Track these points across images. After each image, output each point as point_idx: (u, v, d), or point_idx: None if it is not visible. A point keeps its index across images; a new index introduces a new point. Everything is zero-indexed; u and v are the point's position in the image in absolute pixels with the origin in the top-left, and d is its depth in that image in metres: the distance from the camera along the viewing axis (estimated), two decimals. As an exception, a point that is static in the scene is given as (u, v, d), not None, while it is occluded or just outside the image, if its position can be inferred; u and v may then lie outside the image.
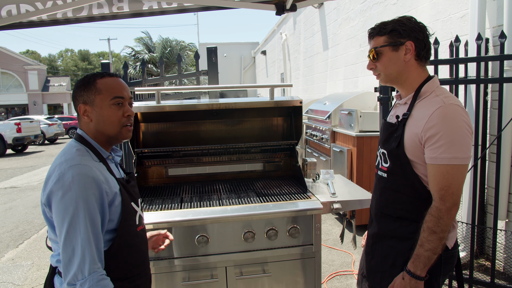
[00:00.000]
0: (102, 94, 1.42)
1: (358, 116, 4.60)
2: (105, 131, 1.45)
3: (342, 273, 3.71)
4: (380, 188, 1.69)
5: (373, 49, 1.58)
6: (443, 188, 1.42)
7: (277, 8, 2.06)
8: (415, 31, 1.51)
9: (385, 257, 1.63)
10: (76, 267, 1.26)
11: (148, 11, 2.04)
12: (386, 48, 1.55)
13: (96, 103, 1.42)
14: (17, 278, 4.05)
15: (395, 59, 1.54)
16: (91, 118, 1.44)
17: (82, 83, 1.45)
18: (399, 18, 1.55)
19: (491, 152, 3.47)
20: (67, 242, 1.27)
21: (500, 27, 3.39)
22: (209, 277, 2.26)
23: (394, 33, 1.53)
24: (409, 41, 1.51)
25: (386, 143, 1.63)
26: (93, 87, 1.43)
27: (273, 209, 2.23)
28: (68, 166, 1.32)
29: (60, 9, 1.88)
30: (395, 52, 1.54)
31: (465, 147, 1.41)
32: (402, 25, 1.52)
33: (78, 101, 1.44)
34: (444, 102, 1.45)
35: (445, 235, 1.43)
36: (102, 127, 1.44)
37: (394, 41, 1.53)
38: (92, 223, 1.30)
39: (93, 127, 1.45)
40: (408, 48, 1.52)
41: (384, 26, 1.56)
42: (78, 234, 1.27)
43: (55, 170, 1.34)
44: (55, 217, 1.30)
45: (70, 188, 1.28)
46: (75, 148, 1.40)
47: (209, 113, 2.87)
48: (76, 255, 1.26)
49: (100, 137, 1.47)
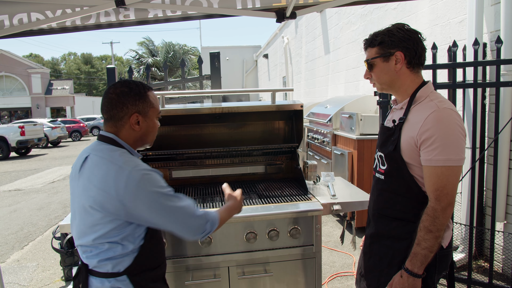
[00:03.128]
0: (154, 107, 1.54)
1: (358, 119, 4.65)
2: (147, 141, 1.59)
3: (343, 274, 3.75)
4: (377, 189, 1.75)
5: (366, 61, 1.67)
6: (438, 189, 1.48)
7: (277, 15, 2.13)
8: (404, 40, 1.57)
9: (382, 256, 1.68)
10: (196, 224, 1.50)
11: (153, 19, 2.12)
12: (378, 59, 1.63)
13: (148, 115, 1.53)
14: (22, 279, 4.12)
15: (387, 69, 1.62)
16: (141, 127, 1.52)
17: (136, 93, 1.50)
18: (390, 28, 1.62)
19: (489, 155, 3.52)
20: (173, 216, 1.45)
21: (497, 32, 3.45)
22: (212, 276, 2.31)
23: (383, 44, 1.60)
24: (398, 51, 1.58)
25: (383, 147, 1.69)
26: (147, 99, 1.52)
27: (274, 210, 2.29)
28: (128, 171, 1.39)
29: (69, 17, 1.96)
30: (386, 62, 1.61)
31: (458, 149, 1.47)
32: (391, 35, 1.59)
33: (130, 110, 1.48)
34: (438, 106, 1.51)
35: (441, 234, 1.49)
36: (147, 136, 1.57)
37: (384, 52, 1.60)
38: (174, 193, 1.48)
39: (138, 136, 1.54)
40: (398, 58, 1.59)
41: (375, 37, 1.64)
42: (179, 205, 1.46)
43: (117, 177, 1.38)
44: (149, 211, 1.41)
45: (149, 183, 1.40)
46: (122, 152, 1.47)
47: (212, 117, 2.93)
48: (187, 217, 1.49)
49: (137, 143, 1.56)
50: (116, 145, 1.49)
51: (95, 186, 1.40)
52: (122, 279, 1.46)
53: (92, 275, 1.48)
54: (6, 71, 36.61)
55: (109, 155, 1.44)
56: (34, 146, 17.06)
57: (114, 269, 1.45)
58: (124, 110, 1.48)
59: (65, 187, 9.06)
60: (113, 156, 1.43)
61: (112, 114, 1.49)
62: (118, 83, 1.52)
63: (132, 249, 1.46)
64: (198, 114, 2.80)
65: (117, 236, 1.43)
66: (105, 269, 1.46)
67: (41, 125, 17.97)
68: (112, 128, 1.51)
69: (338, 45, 8.06)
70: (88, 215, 1.42)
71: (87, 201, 1.41)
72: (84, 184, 1.44)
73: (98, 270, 1.47)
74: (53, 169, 12.13)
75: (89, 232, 1.44)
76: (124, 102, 1.48)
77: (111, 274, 1.46)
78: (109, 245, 1.43)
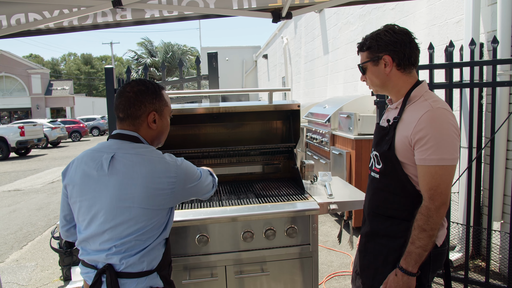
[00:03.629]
0: (168, 106, 1.59)
1: (356, 119, 4.67)
2: (161, 139, 1.63)
3: (341, 273, 3.77)
4: (372, 188, 1.76)
5: (358, 65, 1.71)
6: (432, 188, 1.49)
7: (273, 16, 2.15)
8: (390, 44, 1.59)
9: (377, 254, 1.69)
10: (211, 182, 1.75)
11: (150, 19, 2.13)
12: (368, 63, 1.67)
13: (164, 113, 1.57)
14: (21, 279, 4.13)
15: (377, 72, 1.66)
16: (157, 125, 1.55)
17: (152, 91, 1.52)
18: (378, 31, 1.64)
19: (485, 154, 3.53)
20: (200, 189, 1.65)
21: (494, 32, 3.47)
22: (209, 275, 2.32)
23: (371, 49, 1.64)
24: (386, 55, 1.60)
25: (378, 146, 1.70)
26: (162, 98, 1.55)
27: (271, 209, 2.30)
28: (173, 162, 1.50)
29: (66, 18, 1.98)
30: (376, 66, 1.65)
31: (452, 149, 1.48)
32: (378, 39, 1.61)
33: (148, 108, 1.50)
34: (432, 106, 1.52)
35: (435, 233, 1.50)
36: (162, 135, 1.61)
37: (373, 57, 1.64)
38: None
39: (155, 134, 1.57)
40: (386, 61, 1.61)
41: (365, 42, 1.67)
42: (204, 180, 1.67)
43: (168, 170, 1.47)
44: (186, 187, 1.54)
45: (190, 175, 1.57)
46: (154, 152, 1.51)
47: (209, 117, 2.95)
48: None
49: (154, 142, 1.60)
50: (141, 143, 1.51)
51: (140, 183, 1.41)
52: (153, 277, 1.48)
53: (123, 277, 1.42)
54: (6, 71, 36.63)
55: (145, 151, 1.47)
56: (33, 146, 17.08)
57: (149, 266, 1.46)
58: (142, 108, 1.49)
59: (64, 187, 9.06)
60: (151, 152, 1.48)
61: (129, 112, 1.49)
62: (134, 82, 1.53)
63: (162, 243, 1.53)
64: (195, 114, 2.82)
65: (159, 228, 1.49)
66: (140, 268, 1.43)
67: (41, 126, 17.97)
68: (130, 127, 1.51)
69: (337, 45, 8.07)
70: (127, 212, 1.41)
71: (126, 199, 1.41)
72: (121, 182, 1.42)
73: (131, 270, 1.42)
74: (52, 169, 12.14)
75: (126, 229, 1.41)
76: (142, 101, 1.49)
77: (145, 273, 1.44)
78: (152, 240, 1.47)
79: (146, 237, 1.45)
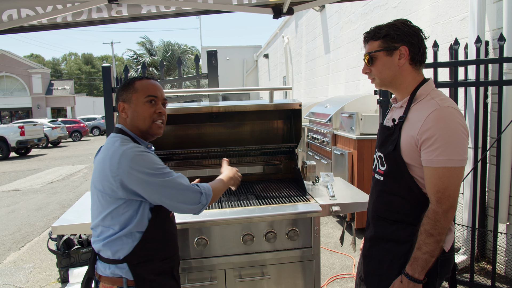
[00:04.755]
0: (138, 92, 1.60)
1: (359, 119, 4.60)
2: (138, 126, 1.61)
3: (343, 276, 3.70)
4: (377, 191, 1.69)
5: (368, 54, 1.59)
6: (439, 191, 1.42)
7: (274, 11, 2.08)
8: (409, 35, 1.51)
9: (382, 260, 1.62)
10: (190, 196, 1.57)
11: (147, 15, 2.07)
12: (380, 53, 1.55)
13: (132, 100, 1.60)
14: (18, 281, 4.07)
15: (389, 64, 1.55)
16: (127, 114, 1.61)
17: (123, 84, 1.65)
18: (394, 22, 1.56)
19: (491, 155, 3.46)
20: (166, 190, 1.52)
21: (499, 30, 3.40)
22: (208, 279, 2.26)
23: (388, 37, 1.53)
24: (403, 46, 1.51)
25: (383, 147, 1.63)
26: (131, 87, 1.62)
27: (271, 211, 2.24)
28: (123, 150, 1.49)
29: (60, 13, 1.91)
30: (389, 57, 1.54)
31: (460, 149, 1.41)
32: (396, 29, 1.52)
33: (118, 100, 1.64)
34: (439, 104, 1.45)
35: (443, 238, 1.43)
36: (136, 122, 1.61)
37: (388, 46, 1.53)
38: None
39: (129, 122, 1.62)
40: (402, 53, 1.52)
41: (378, 30, 1.56)
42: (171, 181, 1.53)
43: (113, 157, 1.49)
44: (145, 187, 1.48)
45: (142, 161, 1.49)
46: (124, 139, 1.56)
47: (209, 116, 2.88)
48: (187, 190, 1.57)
49: (135, 130, 1.63)
50: (123, 133, 1.61)
51: (96, 169, 1.55)
52: (122, 267, 1.53)
53: (99, 259, 1.58)
54: (6, 71, 36.62)
55: (111, 141, 1.56)
56: (34, 146, 17.05)
57: (114, 255, 1.52)
58: (117, 103, 1.65)
59: (64, 187, 9.03)
60: (113, 141, 1.55)
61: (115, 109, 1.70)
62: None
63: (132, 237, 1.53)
64: (194, 113, 2.75)
65: (119, 218, 1.51)
66: (107, 255, 1.54)
67: (41, 125, 17.95)
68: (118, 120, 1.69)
69: (339, 44, 8.00)
70: (94, 197, 1.56)
71: (93, 185, 1.55)
72: (94, 170, 1.58)
73: (102, 254, 1.56)
74: (52, 169, 12.09)
75: (95, 214, 1.56)
76: (117, 96, 1.66)
77: (112, 260, 1.53)
78: (112, 230, 1.52)
79: (108, 224, 1.53)
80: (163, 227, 1.63)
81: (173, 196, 1.53)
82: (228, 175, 1.96)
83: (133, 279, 1.52)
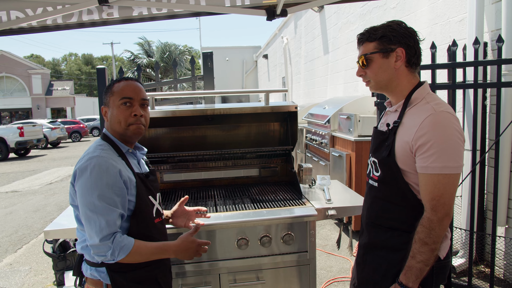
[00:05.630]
0: (114, 95, 1.58)
1: (357, 120, 4.57)
2: (115, 129, 1.59)
3: (340, 279, 3.67)
4: (371, 197, 1.65)
5: (363, 55, 1.55)
6: (434, 198, 1.38)
7: (267, 13, 2.05)
8: (405, 37, 1.47)
9: (376, 267, 1.59)
10: (99, 246, 1.44)
11: (138, 17, 2.04)
12: (376, 55, 1.51)
13: (110, 104, 1.59)
14: (14, 284, 4.05)
15: (385, 66, 1.51)
16: (107, 118, 1.60)
17: (106, 88, 1.64)
18: (389, 23, 1.52)
19: (490, 157, 3.43)
20: (88, 218, 1.45)
21: (498, 31, 3.36)
22: (203, 284, 2.24)
23: (384, 39, 1.49)
24: (400, 47, 1.47)
25: (377, 152, 1.60)
26: (109, 90, 1.60)
27: (266, 215, 2.21)
28: (88, 158, 1.48)
29: (50, 16, 1.89)
30: (386, 59, 1.50)
31: (456, 156, 1.37)
32: (392, 30, 1.48)
33: (102, 103, 1.64)
34: (435, 109, 1.41)
35: (437, 246, 1.40)
36: (113, 125, 1.59)
37: (385, 48, 1.49)
38: (107, 202, 1.44)
39: (109, 126, 1.61)
40: (398, 55, 1.48)
41: (374, 31, 1.52)
42: (96, 211, 1.43)
43: (78, 163, 1.51)
44: (78, 200, 1.47)
45: (88, 175, 1.44)
46: (98, 145, 1.56)
47: (204, 119, 2.86)
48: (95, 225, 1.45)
49: (115, 134, 1.61)
50: (105, 138, 1.60)
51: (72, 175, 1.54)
52: (101, 270, 1.53)
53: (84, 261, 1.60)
54: (6, 71, 36.60)
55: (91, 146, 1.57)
56: (33, 147, 17.01)
57: (92, 259, 1.52)
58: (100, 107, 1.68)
59: (62, 188, 9.00)
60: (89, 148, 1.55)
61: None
62: None
63: None
64: (189, 116, 2.72)
65: None
66: (87, 257, 1.56)
67: (41, 126, 17.91)
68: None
69: (337, 45, 7.97)
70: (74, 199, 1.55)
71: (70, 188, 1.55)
72: None
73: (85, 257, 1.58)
74: (51, 170, 12.07)
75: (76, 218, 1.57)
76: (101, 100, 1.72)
77: (92, 263, 1.54)
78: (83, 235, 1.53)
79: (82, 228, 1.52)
80: (145, 234, 1.56)
81: (88, 228, 1.44)
82: (178, 248, 1.63)
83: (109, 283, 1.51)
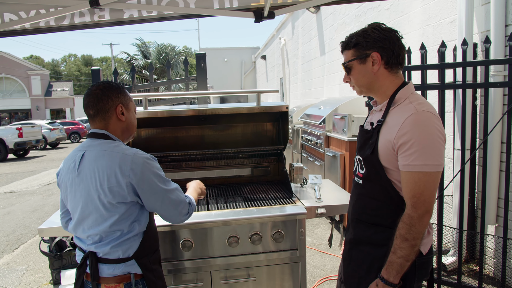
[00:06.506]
0: (132, 102, 1.71)
1: (350, 120, 4.61)
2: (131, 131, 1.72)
3: (333, 277, 3.71)
4: (356, 194, 1.70)
5: (343, 64, 1.63)
6: (415, 195, 1.42)
7: (255, 15, 2.09)
8: (379, 40, 1.52)
9: (361, 263, 1.64)
10: (184, 207, 1.69)
11: (129, 19, 2.09)
12: (354, 62, 1.58)
13: (129, 107, 1.69)
14: (10, 283, 4.08)
15: (364, 71, 1.57)
16: (126, 117, 1.66)
17: (116, 87, 1.65)
18: (365, 29, 1.57)
19: (480, 157, 3.48)
20: (167, 200, 1.62)
21: (487, 32, 3.41)
22: (194, 281, 2.28)
23: (359, 46, 1.55)
24: (374, 52, 1.52)
25: (362, 150, 1.65)
26: (126, 93, 1.69)
27: (256, 214, 2.25)
28: (133, 154, 1.55)
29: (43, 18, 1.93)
30: (363, 64, 1.56)
31: (436, 155, 1.41)
32: (366, 36, 1.54)
33: (114, 101, 1.62)
34: (417, 109, 1.45)
35: (418, 242, 1.43)
36: (131, 126, 1.71)
37: (360, 54, 1.55)
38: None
39: (125, 126, 1.68)
40: (374, 59, 1.53)
41: (350, 39, 1.59)
42: (172, 192, 1.65)
43: (122, 161, 1.52)
44: (151, 191, 1.57)
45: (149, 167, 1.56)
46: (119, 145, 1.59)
47: (196, 119, 2.90)
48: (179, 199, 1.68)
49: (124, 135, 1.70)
50: (109, 139, 1.62)
51: (101, 176, 1.52)
52: (130, 263, 1.59)
53: (102, 263, 1.58)
54: (6, 72, 36.61)
55: (108, 147, 1.57)
56: (32, 147, 17.04)
57: (124, 254, 1.58)
58: (109, 102, 1.61)
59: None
60: (113, 147, 1.56)
61: (99, 107, 1.60)
62: (98, 82, 1.67)
63: (138, 234, 1.61)
64: (182, 116, 2.76)
65: (126, 221, 1.56)
66: (116, 255, 1.57)
67: (39, 127, 17.94)
68: (101, 123, 1.63)
69: (333, 46, 8.02)
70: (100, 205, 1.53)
71: (96, 193, 1.53)
72: (88, 178, 1.54)
73: (108, 257, 1.57)
74: (49, 171, 12.10)
75: (101, 221, 1.55)
76: (109, 95, 1.61)
77: (121, 260, 1.57)
78: (120, 232, 1.56)
79: (114, 229, 1.56)
80: (152, 223, 1.73)
81: (170, 206, 1.64)
82: (196, 188, 2.08)
83: (141, 272, 1.61)
